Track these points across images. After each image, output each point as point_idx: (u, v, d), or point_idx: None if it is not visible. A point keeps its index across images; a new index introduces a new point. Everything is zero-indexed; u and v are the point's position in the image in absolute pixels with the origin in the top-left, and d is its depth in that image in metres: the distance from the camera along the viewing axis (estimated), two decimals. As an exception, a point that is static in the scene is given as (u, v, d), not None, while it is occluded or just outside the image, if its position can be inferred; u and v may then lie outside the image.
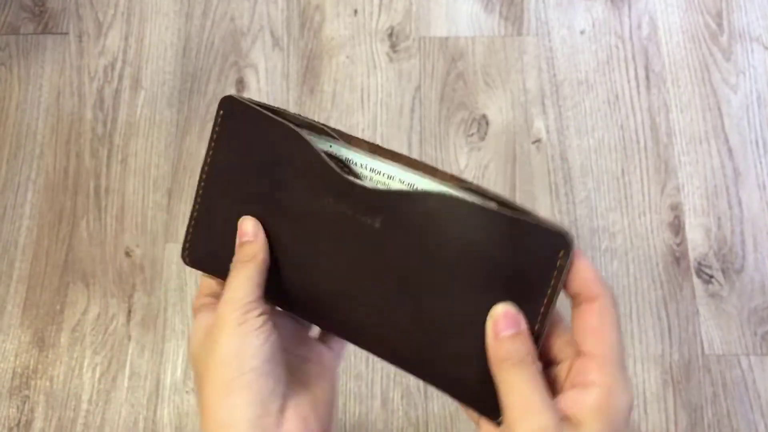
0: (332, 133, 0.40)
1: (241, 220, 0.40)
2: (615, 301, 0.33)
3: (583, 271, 0.33)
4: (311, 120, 0.40)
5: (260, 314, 0.38)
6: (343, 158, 0.40)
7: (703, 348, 0.95)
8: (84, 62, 1.13)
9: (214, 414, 0.35)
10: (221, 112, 0.41)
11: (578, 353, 0.33)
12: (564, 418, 0.30)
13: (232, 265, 0.39)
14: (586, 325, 0.33)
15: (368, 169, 0.39)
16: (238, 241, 0.40)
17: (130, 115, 1.10)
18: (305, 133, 0.39)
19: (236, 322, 0.36)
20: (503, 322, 0.32)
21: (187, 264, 0.44)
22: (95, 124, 1.09)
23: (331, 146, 0.40)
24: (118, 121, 1.09)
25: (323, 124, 0.40)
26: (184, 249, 0.44)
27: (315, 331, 0.46)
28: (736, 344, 0.95)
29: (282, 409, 0.36)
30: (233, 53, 1.12)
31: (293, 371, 0.40)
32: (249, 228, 0.39)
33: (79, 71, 1.13)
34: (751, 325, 0.96)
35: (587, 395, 0.30)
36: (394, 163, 0.38)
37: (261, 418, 0.35)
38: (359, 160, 0.39)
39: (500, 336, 0.32)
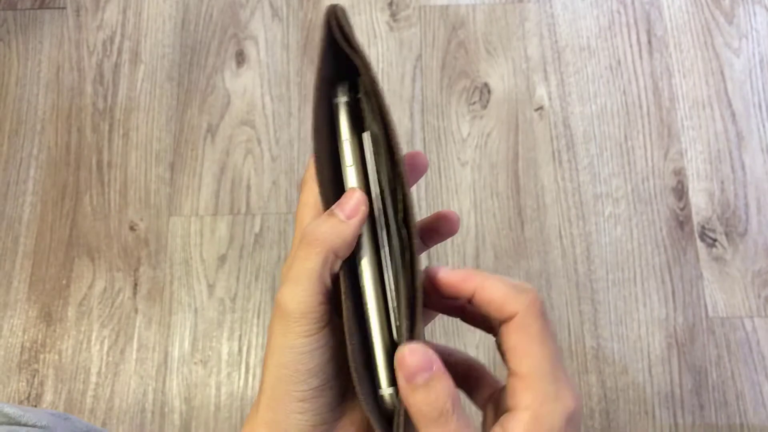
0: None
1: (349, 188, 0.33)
2: (539, 309, 0.30)
3: (487, 294, 0.31)
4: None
5: (321, 327, 0.32)
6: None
7: (707, 311, 0.95)
8: (82, 36, 1.12)
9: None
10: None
11: (510, 374, 0.31)
12: None
13: (306, 239, 0.32)
14: (508, 346, 0.31)
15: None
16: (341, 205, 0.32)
17: (130, 89, 1.09)
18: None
19: (292, 335, 0.31)
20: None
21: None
22: (96, 99, 1.09)
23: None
24: (118, 95, 1.09)
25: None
26: None
27: None
28: (740, 307, 0.95)
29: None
30: (232, 25, 1.12)
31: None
32: (353, 200, 0.32)
33: (78, 46, 1.12)
34: (755, 287, 0.96)
35: (516, 420, 0.29)
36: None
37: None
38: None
39: (412, 384, 0.30)
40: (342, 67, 0.33)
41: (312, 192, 0.34)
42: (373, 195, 0.33)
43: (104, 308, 0.99)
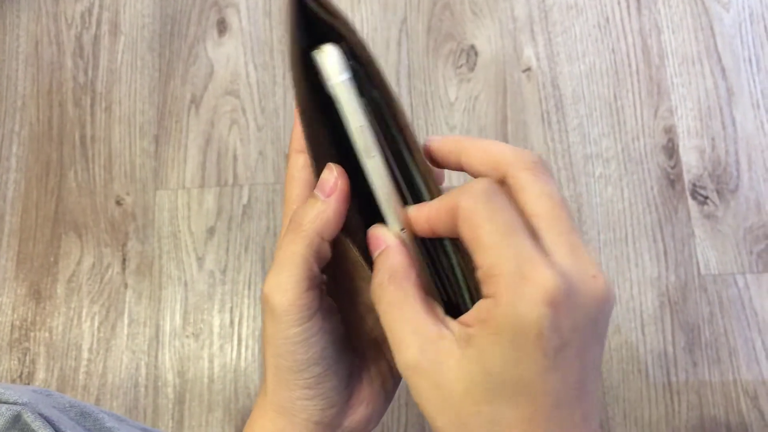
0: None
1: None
2: (485, 194, 0.26)
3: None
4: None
5: (312, 314, 0.30)
6: None
7: (699, 269, 0.95)
8: (60, 9, 1.10)
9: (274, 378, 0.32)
10: None
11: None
12: (464, 336, 0.26)
13: (289, 228, 0.30)
14: (465, 242, 0.27)
15: None
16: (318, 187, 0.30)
17: (111, 61, 1.07)
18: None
19: (283, 326, 0.30)
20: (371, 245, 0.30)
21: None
22: (76, 73, 1.07)
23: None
24: (99, 68, 1.07)
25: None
26: None
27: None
28: (732, 263, 0.95)
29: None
30: (213, -7, 1.09)
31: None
32: (331, 177, 0.30)
33: (56, 18, 1.10)
34: (747, 243, 0.96)
35: (482, 305, 0.26)
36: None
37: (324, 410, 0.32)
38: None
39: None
40: (316, 35, 0.30)
41: (297, 165, 0.32)
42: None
43: (93, 284, 0.98)
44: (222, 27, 1.08)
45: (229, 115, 1.04)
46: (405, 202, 0.31)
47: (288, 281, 0.29)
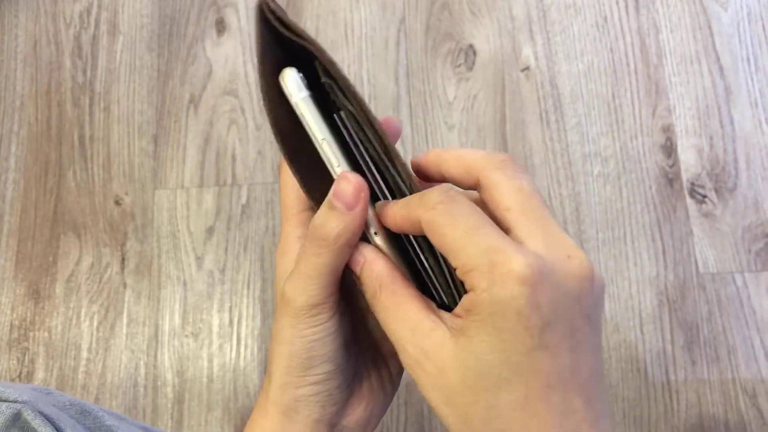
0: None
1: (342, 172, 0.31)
2: (442, 202, 0.27)
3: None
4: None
5: (331, 316, 0.31)
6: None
7: (697, 267, 0.95)
8: (59, 9, 1.10)
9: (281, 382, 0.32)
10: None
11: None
12: (456, 326, 0.27)
13: (308, 240, 0.31)
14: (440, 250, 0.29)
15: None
16: (333, 194, 0.30)
17: (109, 61, 1.07)
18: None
19: (302, 326, 0.31)
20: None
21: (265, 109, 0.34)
22: (75, 73, 1.07)
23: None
24: (97, 68, 1.07)
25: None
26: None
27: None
28: (731, 262, 0.95)
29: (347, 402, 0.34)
30: (211, -7, 1.09)
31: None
32: (349, 188, 0.30)
33: (55, 18, 1.10)
34: (745, 242, 0.96)
35: (465, 298, 0.27)
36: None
37: (325, 407, 0.33)
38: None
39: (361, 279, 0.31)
40: (284, 55, 0.32)
41: (290, 172, 0.33)
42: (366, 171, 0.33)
43: (92, 284, 0.98)
44: (221, 27, 1.08)
45: (227, 114, 1.04)
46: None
47: (314, 288, 0.30)
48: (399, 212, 0.29)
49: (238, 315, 0.96)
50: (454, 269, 0.27)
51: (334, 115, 0.33)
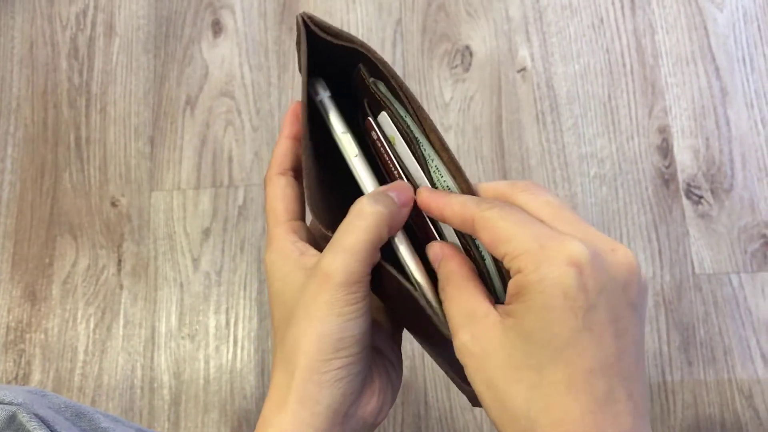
0: (405, 100, 0.34)
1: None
2: (498, 206, 0.30)
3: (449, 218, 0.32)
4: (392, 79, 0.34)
5: (365, 296, 0.32)
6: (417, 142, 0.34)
7: (693, 268, 0.95)
8: (55, 11, 1.10)
9: (300, 384, 0.32)
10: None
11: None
12: (505, 311, 0.29)
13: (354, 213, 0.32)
14: (487, 246, 0.30)
15: (434, 164, 0.34)
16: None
17: (106, 62, 1.07)
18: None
19: (340, 303, 0.31)
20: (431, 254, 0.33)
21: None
22: (71, 74, 1.07)
23: (407, 120, 0.34)
24: (94, 69, 1.07)
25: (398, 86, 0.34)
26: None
27: None
28: (727, 263, 0.95)
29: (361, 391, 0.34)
30: (208, -6, 1.09)
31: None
32: (407, 192, 0.33)
33: (51, 20, 1.10)
34: (741, 243, 0.96)
35: (512, 281, 0.28)
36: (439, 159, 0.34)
37: (345, 395, 0.33)
38: (428, 149, 0.34)
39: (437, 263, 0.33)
40: (317, 65, 0.35)
41: (281, 184, 0.36)
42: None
43: (89, 286, 0.98)
44: (217, 28, 1.08)
45: (224, 116, 1.04)
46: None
47: (356, 264, 0.31)
48: (453, 205, 0.31)
49: (235, 316, 0.96)
50: (501, 260, 0.29)
51: (379, 115, 0.35)
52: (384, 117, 0.34)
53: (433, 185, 0.34)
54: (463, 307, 0.30)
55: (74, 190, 1.02)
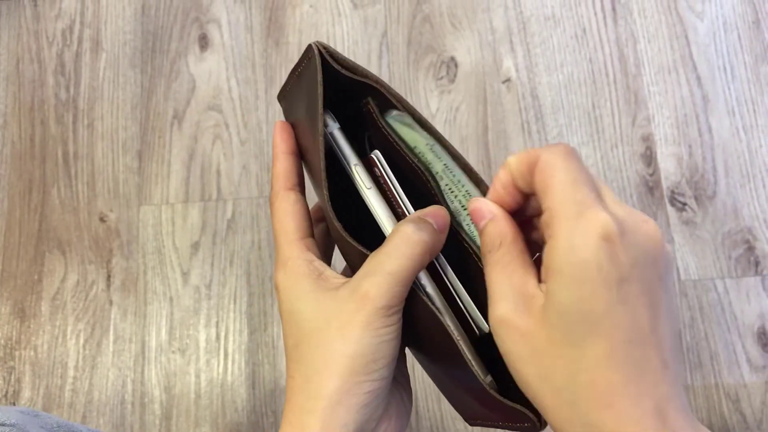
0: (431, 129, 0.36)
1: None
2: (564, 152, 0.30)
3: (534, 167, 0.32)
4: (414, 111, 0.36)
5: (399, 319, 0.33)
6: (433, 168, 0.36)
7: (679, 274, 0.96)
8: (41, 27, 1.10)
9: (326, 402, 0.32)
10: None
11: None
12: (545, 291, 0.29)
13: (408, 231, 0.33)
14: (536, 189, 0.30)
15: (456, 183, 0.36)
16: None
17: (92, 78, 1.07)
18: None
19: (376, 325, 0.32)
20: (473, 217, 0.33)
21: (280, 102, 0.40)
22: (58, 90, 1.07)
23: (435, 148, 0.36)
24: (81, 85, 1.07)
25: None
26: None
27: None
28: (711, 268, 0.97)
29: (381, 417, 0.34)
30: (194, 8, 1.10)
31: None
32: (444, 217, 0.34)
33: (37, 36, 1.10)
34: (725, 248, 0.97)
35: (546, 252, 0.29)
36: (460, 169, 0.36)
37: (368, 422, 0.33)
38: (456, 173, 0.35)
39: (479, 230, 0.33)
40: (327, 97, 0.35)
41: (290, 200, 0.36)
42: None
43: (78, 301, 0.98)
44: (204, 42, 1.08)
45: (212, 130, 1.04)
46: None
47: (398, 289, 0.32)
48: (520, 155, 0.31)
49: (225, 330, 0.96)
50: (541, 212, 0.29)
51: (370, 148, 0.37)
52: (377, 153, 0.36)
53: (448, 208, 0.35)
54: (512, 276, 0.30)
55: (62, 205, 1.02)
